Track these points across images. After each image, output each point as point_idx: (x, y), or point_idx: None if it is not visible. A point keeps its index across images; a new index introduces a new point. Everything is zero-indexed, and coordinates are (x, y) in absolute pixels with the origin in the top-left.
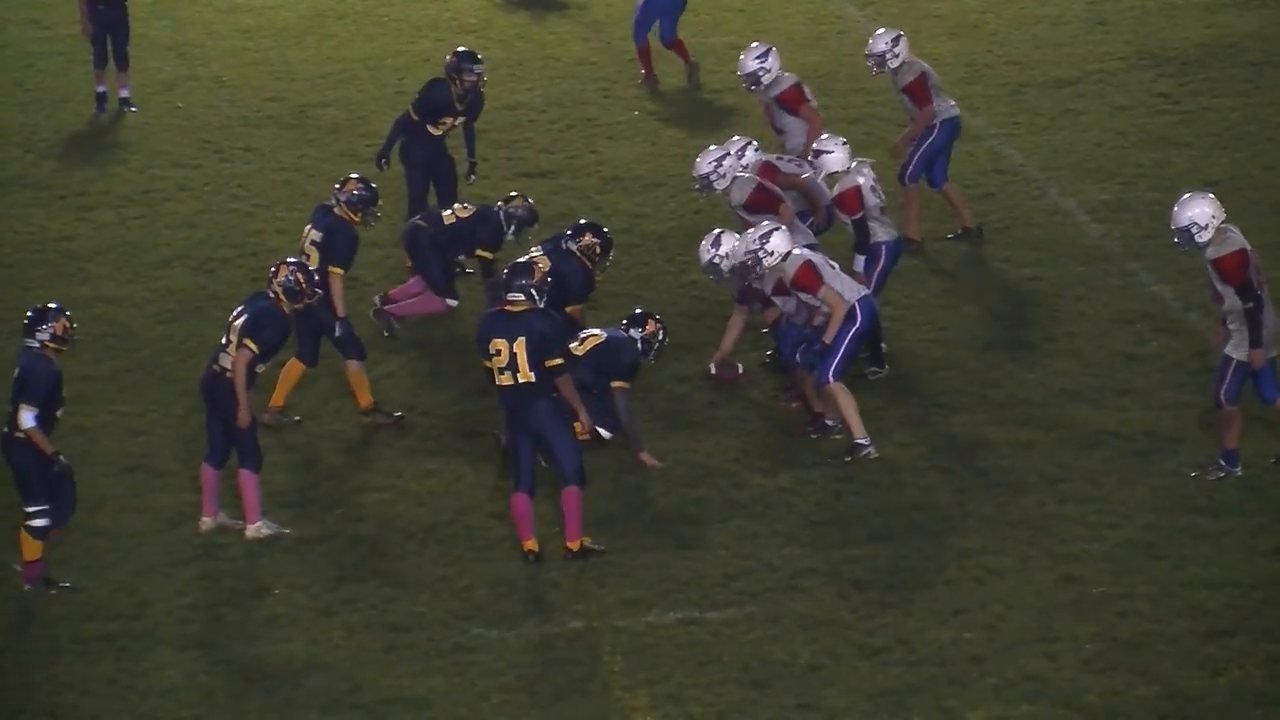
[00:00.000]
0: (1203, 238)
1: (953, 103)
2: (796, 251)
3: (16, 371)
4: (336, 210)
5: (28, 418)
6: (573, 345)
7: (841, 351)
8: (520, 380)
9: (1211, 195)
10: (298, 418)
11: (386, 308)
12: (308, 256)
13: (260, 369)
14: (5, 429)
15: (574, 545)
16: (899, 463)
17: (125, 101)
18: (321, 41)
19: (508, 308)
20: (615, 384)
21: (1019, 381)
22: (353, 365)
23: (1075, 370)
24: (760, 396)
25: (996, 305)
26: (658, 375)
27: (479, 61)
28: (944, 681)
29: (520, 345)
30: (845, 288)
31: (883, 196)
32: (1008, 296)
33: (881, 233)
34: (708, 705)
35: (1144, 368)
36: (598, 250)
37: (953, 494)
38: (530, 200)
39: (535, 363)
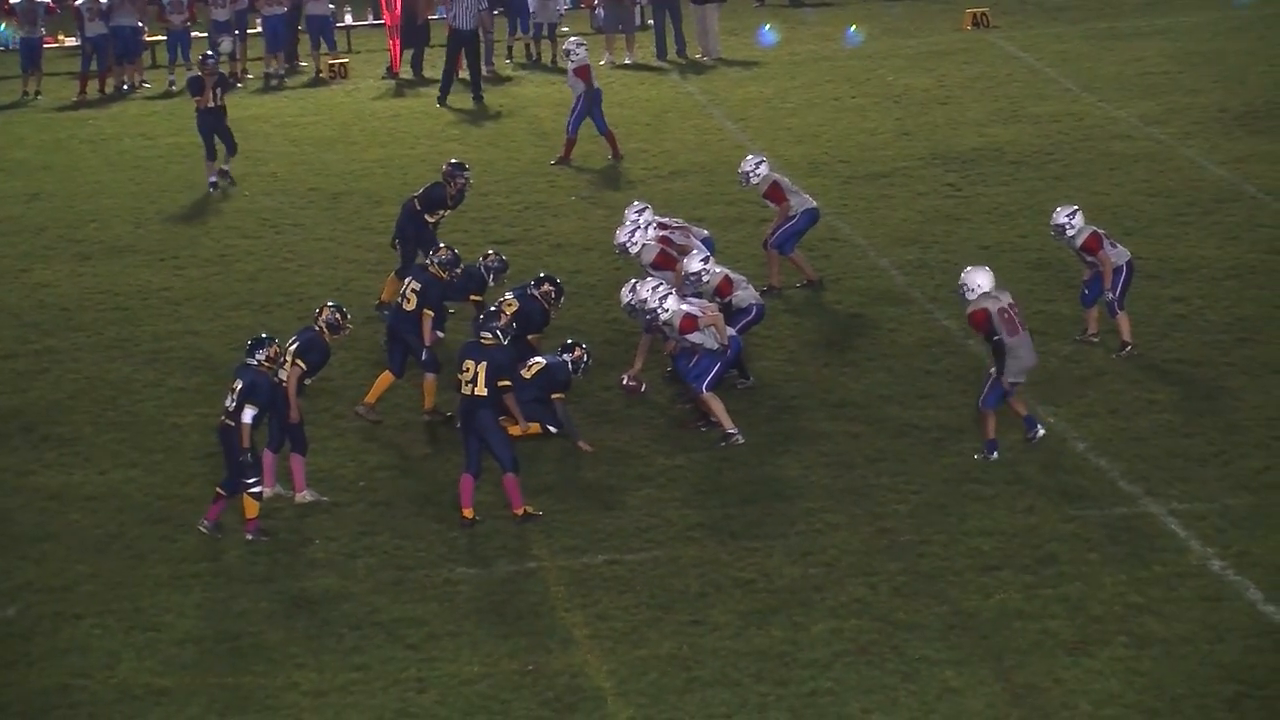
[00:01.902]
0: (969, 297)
1: (809, 196)
2: (682, 307)
3: (241, 384)
4: (430, 269)
5: (248, 414)
6: (522, 371)
7: (714, 372)
8: (475, 393)
9: (986, 268)
10: (378, 418)
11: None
12: (409, 300)
13: (308, 382)
14: (227, 420)
15: (519, 512)
16: (761, 447)
17: (225, 173)
18: (348, 147)
19: (481, 340)
20: (555, 395)
21: (848, 389)
22: (429, 378)
23: (888, 380)
24: (662, 401)
25: (832, 334)
26: (589, 386)
27: (467, 169)
28: (795, 604)
29: (483, 368)
30: (720, 331)
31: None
32: (840, 328)
33: (749, 297)
34: (626, 622)
35: (937, 379)
36: (553, 295)
37: (800, 470)
38: (502, 255)
39: (490, 382)
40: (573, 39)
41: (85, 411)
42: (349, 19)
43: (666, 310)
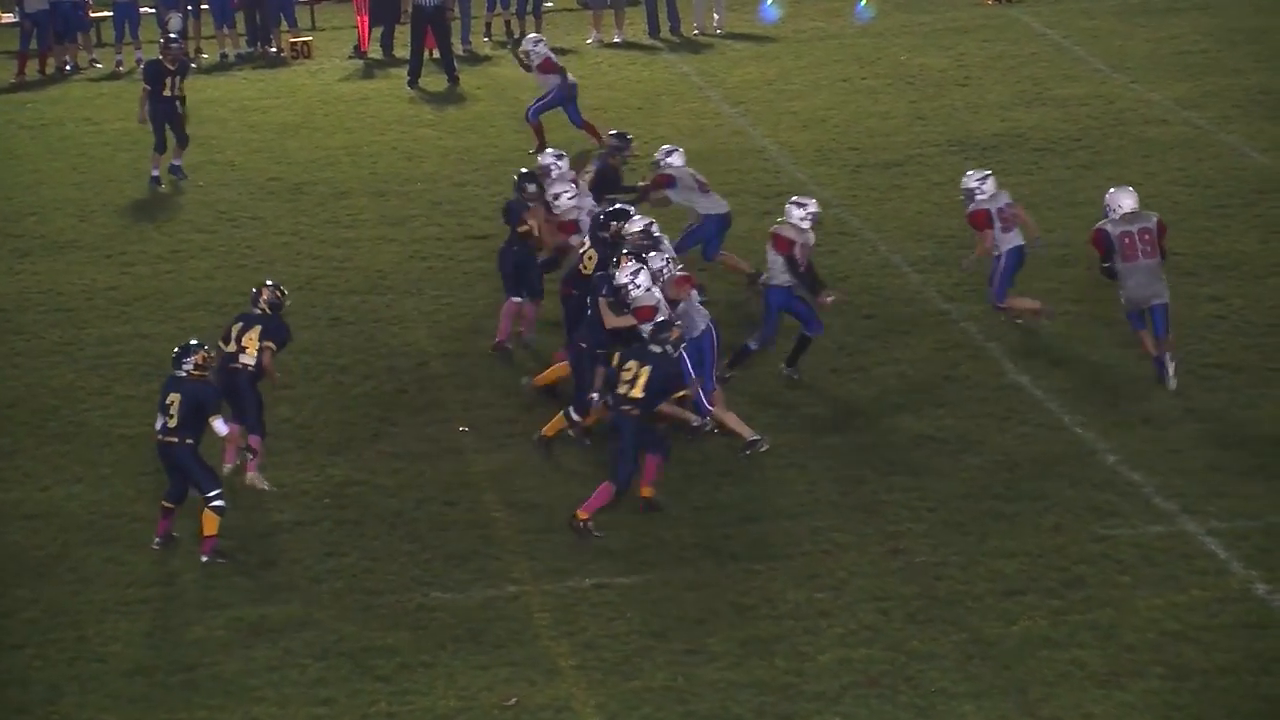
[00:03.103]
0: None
1: (721, 200)
2: (654, 293)
3: (182, 400)
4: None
5: (222, 426)
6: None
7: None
8: (631, 395)
9: (1132, 191)
10: (465, 428)
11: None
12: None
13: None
14: (167, 438)
15: (583, 515)
16: (764, 460)
17: (178, 168)
18: (311, 134)
19: (650, 347)
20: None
21: (858, 396)
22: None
23: (902, 387)
24: None
25: (840, 337)
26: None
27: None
28: (800, 631)
29: (645, 372)
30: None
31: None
32: (848, 330)
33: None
34: (616, 651)
35: (954, 386)
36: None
37: (806, 485)
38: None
39: (650, 389)
40: (529, 36)
41: (25, 422)
42: None
43: (638, 286)
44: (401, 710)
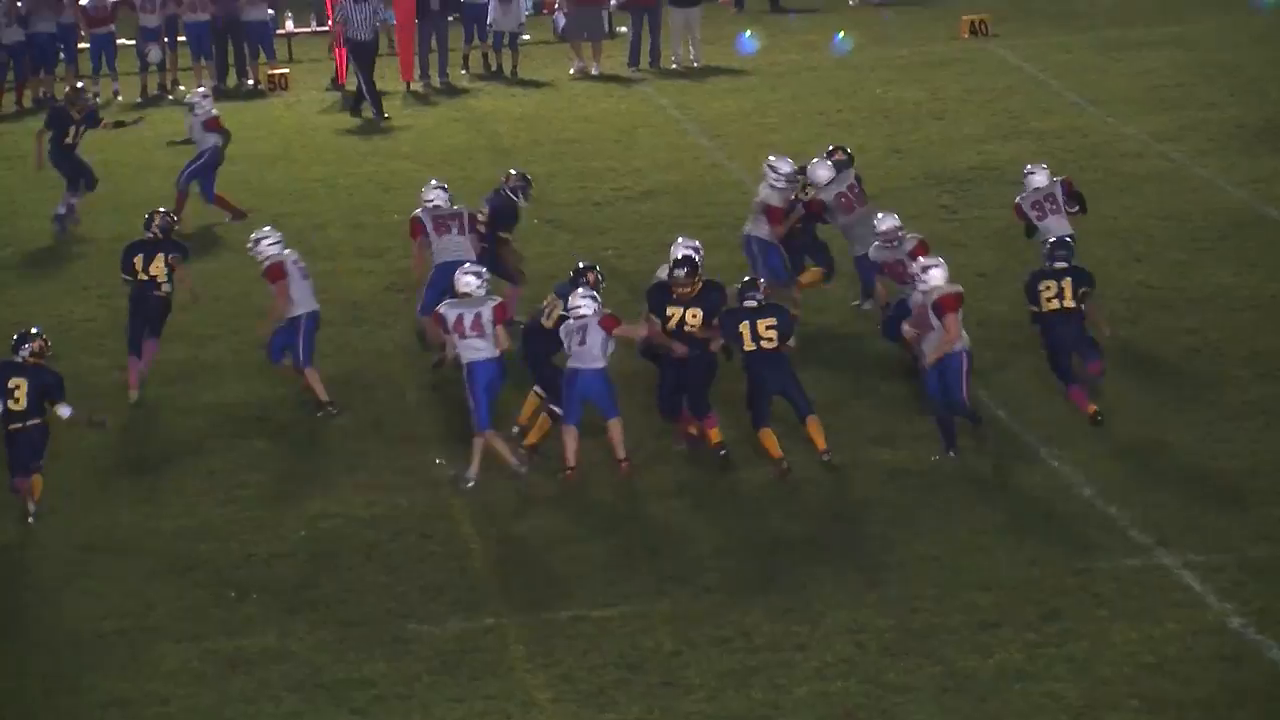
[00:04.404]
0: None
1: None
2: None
3: (29, 386)
4: None
5: (66, 411)
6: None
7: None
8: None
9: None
10: (441, 460)
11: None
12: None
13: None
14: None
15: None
16: (741, 493)
17: (70, 211)
18: (289, 165)
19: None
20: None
21: (833, 429)
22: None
23: (877, 420)
24: (630, 445)
25: (815, 371)
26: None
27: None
28: (775, 664)
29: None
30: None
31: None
32: (823, 364)
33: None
34: (592, 684)
35: (929, 420)
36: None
37: (781, 518)
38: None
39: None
40: (198, 90)
41: None
42: (290, 25)
43: (581, 309)
44: None
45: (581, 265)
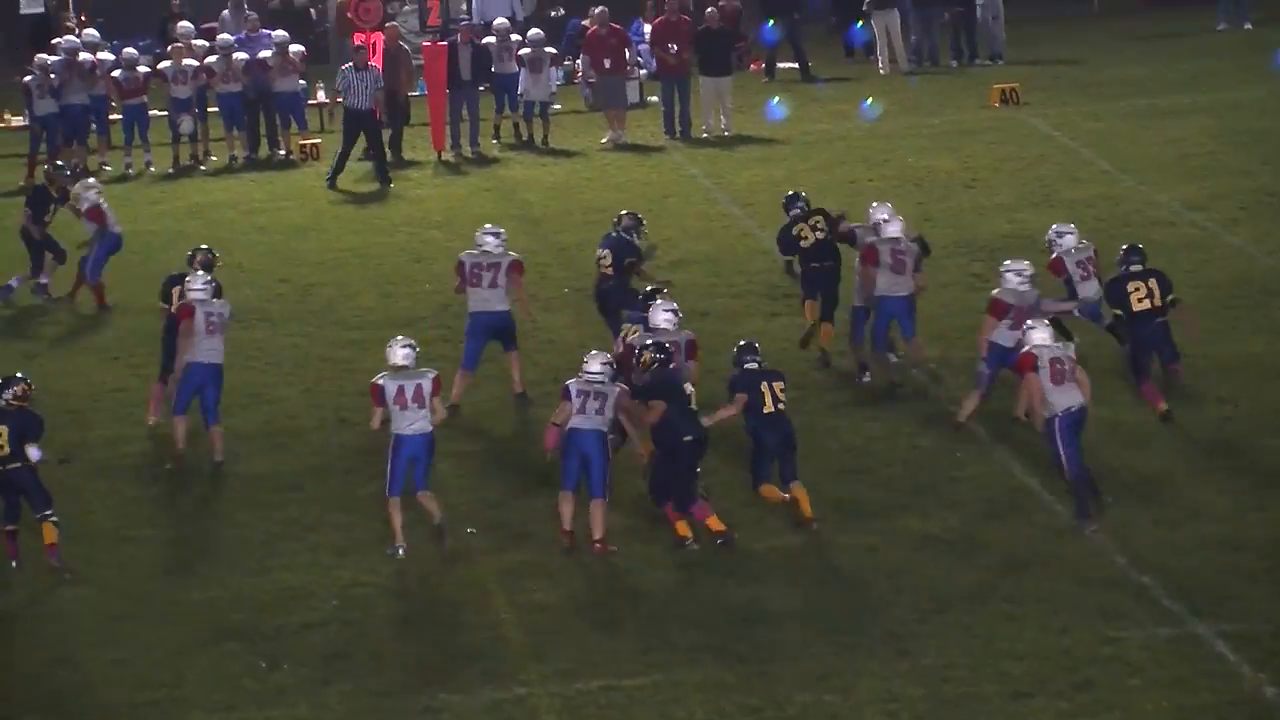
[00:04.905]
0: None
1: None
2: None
3: (8, 428)
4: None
5: (35, 453)
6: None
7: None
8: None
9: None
10: (472, 530)
11: None
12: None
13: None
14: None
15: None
16: (772, 562)
17: (44, 286)
18: (320, 236)
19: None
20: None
21: (864, 497)
22: None
23: (908, 487)
24: (657, 511)
25: (846, 438)
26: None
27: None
28: None
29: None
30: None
31: None
32: (855, 432)
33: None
34: None
35: (961, 487)
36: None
37: (813, 586)
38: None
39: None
40: (85, 180)
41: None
42: (321, 95)
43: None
44: None
45: (651, 288)
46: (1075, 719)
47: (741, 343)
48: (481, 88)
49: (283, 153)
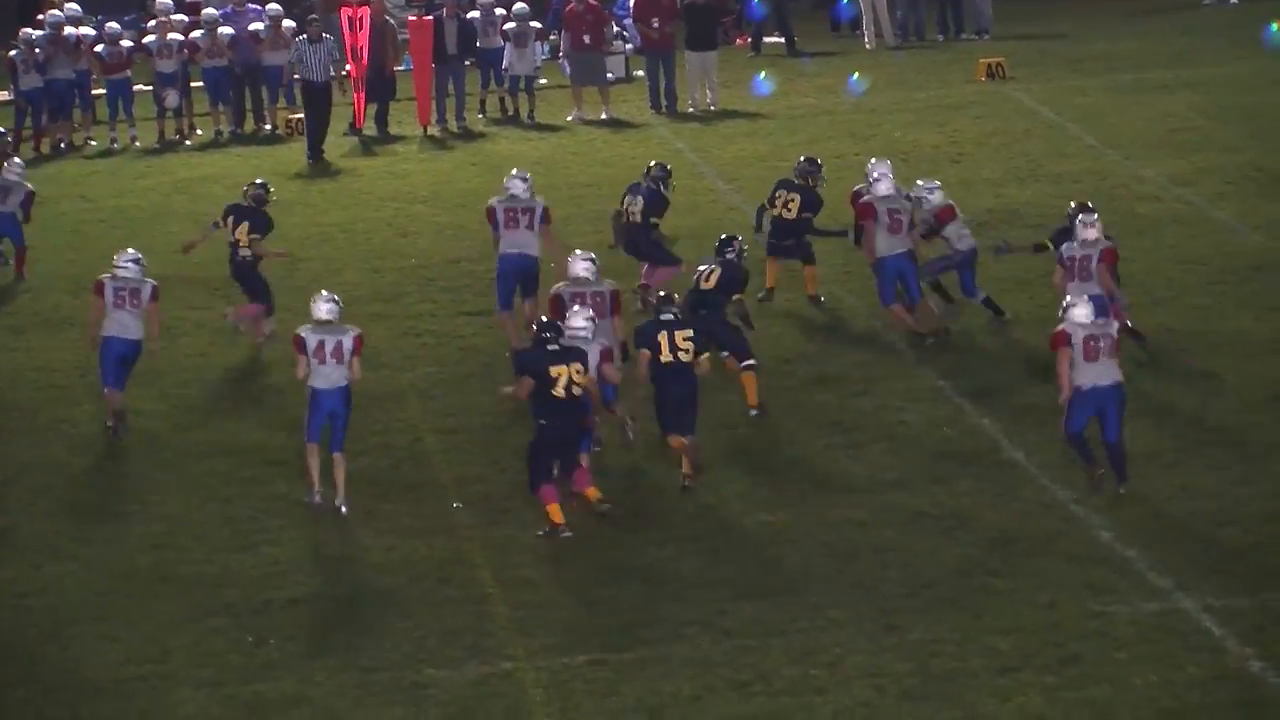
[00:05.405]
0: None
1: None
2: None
3: None
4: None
5: None
6: (702, 281)
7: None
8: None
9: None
10: (459, 504)
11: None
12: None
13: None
14: None
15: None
16: (759, 537)
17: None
18: (306, 210)
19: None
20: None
21: (852, 472)
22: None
23: (896, 463)
24: (649, 487)
25: (834, 413)
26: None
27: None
28: (795, 708)
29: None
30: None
31: None
32: (842, 407)
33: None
34: None
35: (948, 462)
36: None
37: (800, 562)
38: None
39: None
40: (16, 160)
41: (17, 500)
42: None
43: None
44: None
45: (725, 236)
46: (1062, 693)
47: (660, 293)
48: (467, 62)
49: (268, 128)
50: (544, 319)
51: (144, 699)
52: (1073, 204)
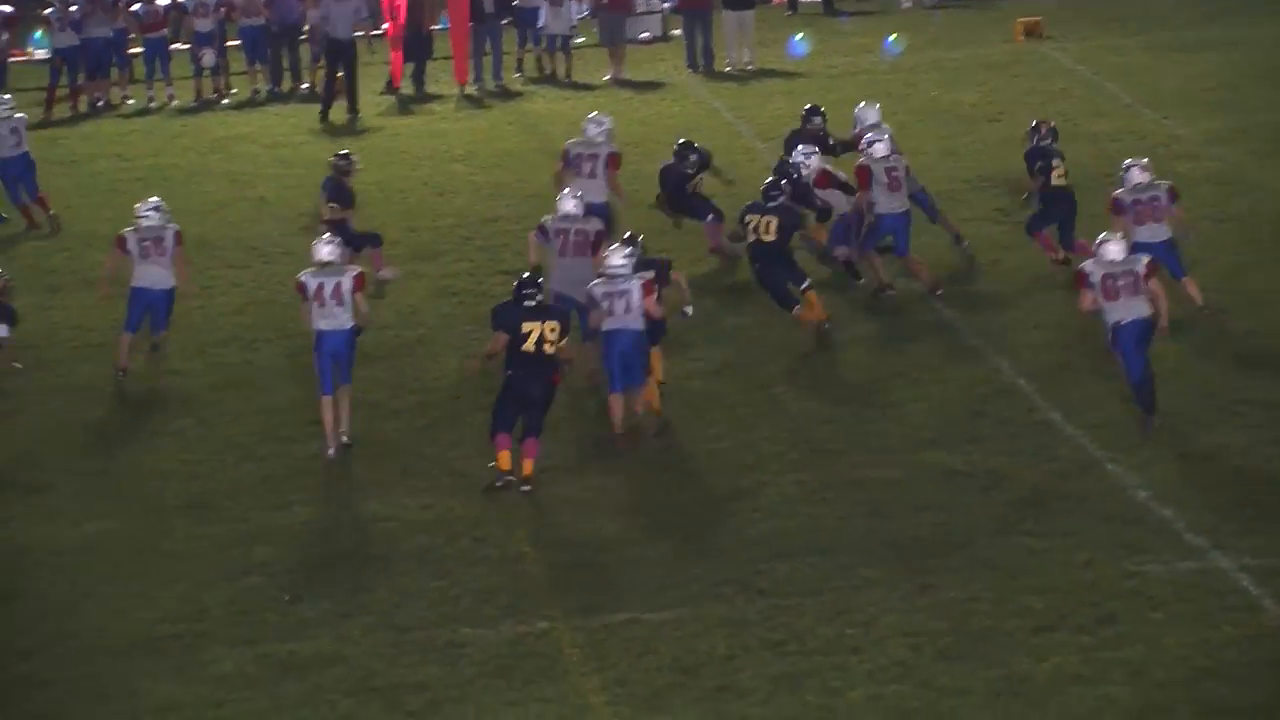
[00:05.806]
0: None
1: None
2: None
3: None
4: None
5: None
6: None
7: None
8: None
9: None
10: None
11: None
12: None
13: None
14: None
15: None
16: (795, 496)
17: None
18: None
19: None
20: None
21: (887, 431)
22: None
23: (932, 422)
24: (681, 446)
25: (870, 372)
26: (595, 427)
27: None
28: (829, 668)
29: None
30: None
31: None
32: (879, 366)
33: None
34: (646, 687)
35: (985, 422)
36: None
37: (835, 521)
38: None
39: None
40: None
41: (55, 459)
42: None
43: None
44: None
45: (783, 181)
46: (1097, 653)
47: (524, 274)
48: (504, 21)
49: (305, 86)
50: (525, 275)
51: (180, 656)
52: (1035, 121)
